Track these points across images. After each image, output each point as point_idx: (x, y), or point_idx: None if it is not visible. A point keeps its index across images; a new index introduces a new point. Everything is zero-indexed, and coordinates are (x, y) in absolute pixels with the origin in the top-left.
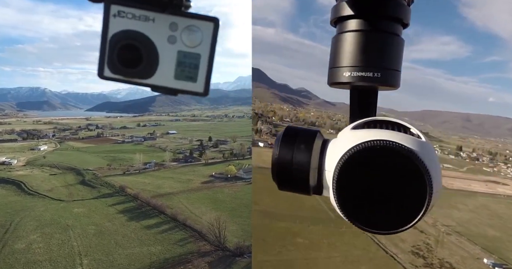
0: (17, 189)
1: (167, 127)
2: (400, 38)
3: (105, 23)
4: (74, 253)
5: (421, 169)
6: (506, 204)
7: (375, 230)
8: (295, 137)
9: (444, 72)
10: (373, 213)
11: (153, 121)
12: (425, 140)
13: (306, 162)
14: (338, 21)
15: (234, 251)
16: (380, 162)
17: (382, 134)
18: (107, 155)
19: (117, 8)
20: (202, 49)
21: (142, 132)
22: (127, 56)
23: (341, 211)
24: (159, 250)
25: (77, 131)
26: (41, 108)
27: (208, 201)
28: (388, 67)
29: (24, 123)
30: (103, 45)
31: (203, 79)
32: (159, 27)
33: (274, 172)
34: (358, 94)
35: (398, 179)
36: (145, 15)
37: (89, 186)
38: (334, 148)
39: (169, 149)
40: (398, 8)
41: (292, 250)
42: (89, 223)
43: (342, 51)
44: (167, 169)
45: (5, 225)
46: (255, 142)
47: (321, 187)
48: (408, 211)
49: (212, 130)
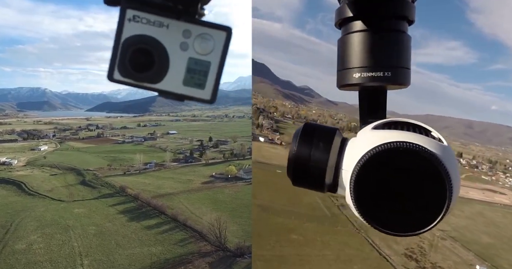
0: (18, 189)
1: (168, 127)
2: (407, 35)
3: (120, 27)
4: (75, 254)
5: (442, 173)
6: (503, 212)
7: (391, 232)
8: (314, 134)
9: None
10: (390, 214)
11: (153, 121)
12: (447, 144)
13: (324, 160)
14: (343, 23)
15: (235, 251)
16: (401, 163)
17: (404, 136)
18: (107, 155)
19: (133, 13)
20: (213, 57)
21: (142, 132)
22: (139, 60)
23: (357, 210)
24: (159, 250)
25: (77, 131)
26: (42, 108)
27: (209, 201)
28: (397, 65)
29: (24, 123)
30: (116, 48)
31: (211, 87)
32: (173, 34)
33: (291, 168)
34: (368, 94)
35: (418, 182)
36: (159, 21)
37: (90, 186)
38: (354, 148)
39: (170, 149)
40: (403, 5)
41: (286, 246)
42: (90, 224)
43: (350, 52)
44: (167, 170)
45: (5, 226)
46: (256, 137)
47: (336, 185)
48: (426, 215)
49: (213, 130)
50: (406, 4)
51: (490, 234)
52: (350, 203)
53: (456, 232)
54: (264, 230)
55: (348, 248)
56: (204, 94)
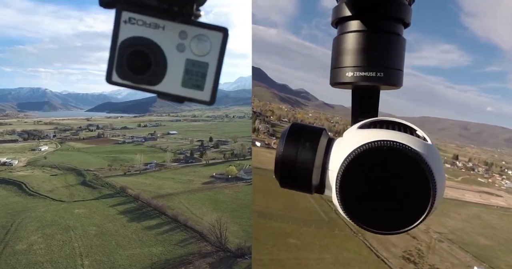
0: (18, 189)
1: (168, 128)
2: (402, 37)
3: (116, 29)
4: (75, 254)
5: (426, 171)
6: (499, 215)
7: (377, 230)
8: (301, 135)
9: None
10: (375, 213)
11: (153, 122)
12: (431, 143)
13: (311, 160)
14: (340, 22)
15: (235, 252)
16: (385, 162)
17: (388, 135)
18: (108, 155)
19: (128, 15)
20: (210, 58)
21: (142, 133)
22: (136, 62)
23: (343, 210)
24: (160, 251)
25: (77, 132)
26: (42, 109)
27: (209, 202)
28: (390, 66)
29: (25, 123)
30: (113, 50)
31: (210, 88)
32: (169, 35)
33: (278, 170)
34: (361, 94)
35: (402, 180)
36: (155, 22)
37: (90, 186)
38: (339, 148)
39: (170, 149)
40: (399, 7)
41: (283, 250)
42: (90, 224)
43: (345, 51)
44: (167, 170)
45: (6, 226)
46: (252, 141)
47: (323, 186)
48: (411, 213)
49: (213, 130)
50: (402, 7)
51: (487, 236)
52: (336, 203)
53: (453, 234)
54: (262, 235)
55: (347, 252)
56: (203, 95)
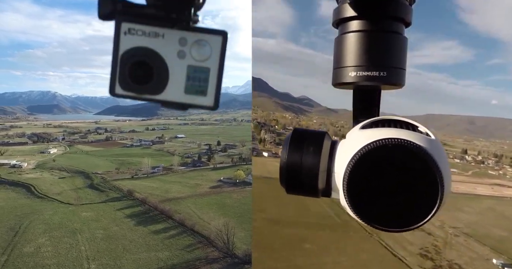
0: (27, 192)
1: (176, 131)
2: (404, 36)
3: (116, 41)
4: (82, 258)
5: (431, 165)
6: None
7: (389, 228)
8: (303, 140)
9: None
10: (386, 212)
11: (161, 125)
12: (434, 138)
13: (316, 165)
14: (341, 22)
15: (243, 258)
16: (390, 160)
17: (391, 133)
18: (115, 158)
19: (128, 26)
20: (211, 62)
21: (150, 136)
22: (138, 73)
23: (353, 211)
24: (166, 255)
25: (86, 135)
26: (52, 112)
27: (216, 206)
28: (393, 65)
29: (34, 126)
30: (115, 62)
31: (213, 93)
32: (169, 43)
33: (283, 177)
34: (362, 94)
35: (409, 176)
36: (154, 31)
37: (98, 189)
38: (344, 150)
39: (178, 153)
40: (400, 7)
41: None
42: (97, 227)
43: (346, 51)
44: (175, 173)
45: (14, 228)
46: (259, 152)
47: (330, 189)
48: (421, 208)
49: (221, 134)
50: (403, 6)
51: (503, 228)
52: (345, 205)
53: (468, 228)
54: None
55: (363, 253)
56: (206, 100)
